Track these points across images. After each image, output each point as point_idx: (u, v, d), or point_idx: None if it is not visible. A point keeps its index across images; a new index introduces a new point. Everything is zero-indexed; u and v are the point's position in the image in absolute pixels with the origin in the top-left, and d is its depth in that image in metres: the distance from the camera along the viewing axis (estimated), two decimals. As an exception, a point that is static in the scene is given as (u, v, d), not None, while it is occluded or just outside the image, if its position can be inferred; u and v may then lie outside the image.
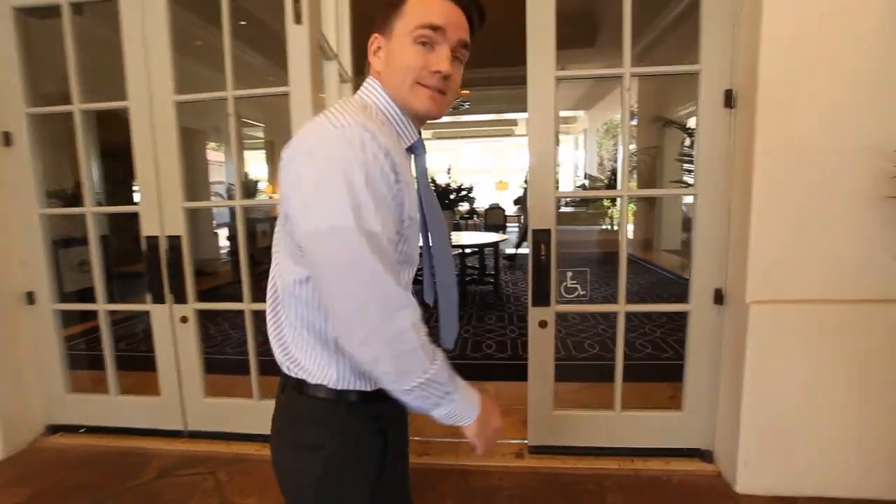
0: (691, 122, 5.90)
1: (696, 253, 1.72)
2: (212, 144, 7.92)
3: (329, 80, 1.98)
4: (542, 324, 1.79)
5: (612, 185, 9.55)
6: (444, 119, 10.73)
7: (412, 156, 0.80)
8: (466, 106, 5.90)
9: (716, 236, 1.69)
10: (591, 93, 9.38)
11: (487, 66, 7.64)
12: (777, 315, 1.55)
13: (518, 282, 5.79)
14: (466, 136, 13.83)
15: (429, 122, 0.82)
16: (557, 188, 1.74)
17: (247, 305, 2.00)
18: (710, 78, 1.63)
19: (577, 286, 1.80)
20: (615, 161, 12.33)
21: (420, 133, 0.80)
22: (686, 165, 5.68)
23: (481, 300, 4.90)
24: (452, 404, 0.69)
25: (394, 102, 0.75)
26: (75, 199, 3.92)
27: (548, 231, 1.73)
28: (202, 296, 2.11)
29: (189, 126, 6.33)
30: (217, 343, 3.73)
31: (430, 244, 0.82)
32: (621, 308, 1.77)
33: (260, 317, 1.15)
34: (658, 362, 2.96)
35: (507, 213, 11.51)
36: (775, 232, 1.52)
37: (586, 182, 10.66)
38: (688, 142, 5.64)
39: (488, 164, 15.75)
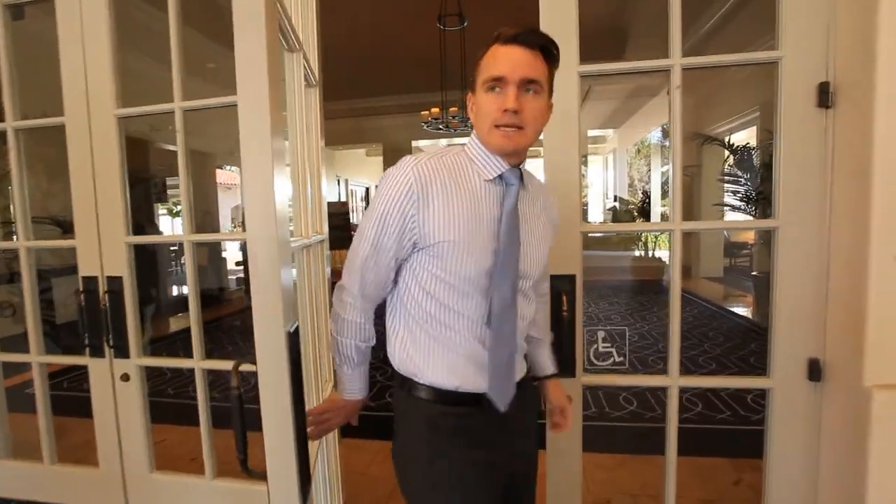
0: (735, 138, 5.36)
1: (778, 310, 1.24)
2: (234, 168, 7.80)
3: (292, 78, 1.57)
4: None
5: (645, 207, 8.96)
6: (462, 140, 10.48)
7: (503, 186, 0.93)
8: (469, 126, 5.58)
9: (808, 287, 1.21)
10: (622, 109, 8.91)
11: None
12: (915, 407, 1.05)
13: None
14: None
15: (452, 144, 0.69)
16: (585, 218, 1.30)
17: (197, 363, 1.61)
18: (796, 67, 1.18)
19: (612, 350, 1.34)
20: (647, 182, 11.71)
21: (518, 166, 0.94)
22: (729, 186, 5.13)
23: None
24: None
25: (482, 144, 0.92)
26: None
27: (571, 278, 1.29)
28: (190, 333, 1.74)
29: (197, 149, 6.19)
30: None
31: (496, 279, 0.89)
32: (674, 381, 1.30)
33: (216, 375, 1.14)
34: (714, 427, 2.42)
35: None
36: (909, 285, 1.04)
37: (617, 204, 10.09)
38: (731, 160, 5.10)
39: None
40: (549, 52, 0.88)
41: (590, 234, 9.55)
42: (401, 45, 5.63)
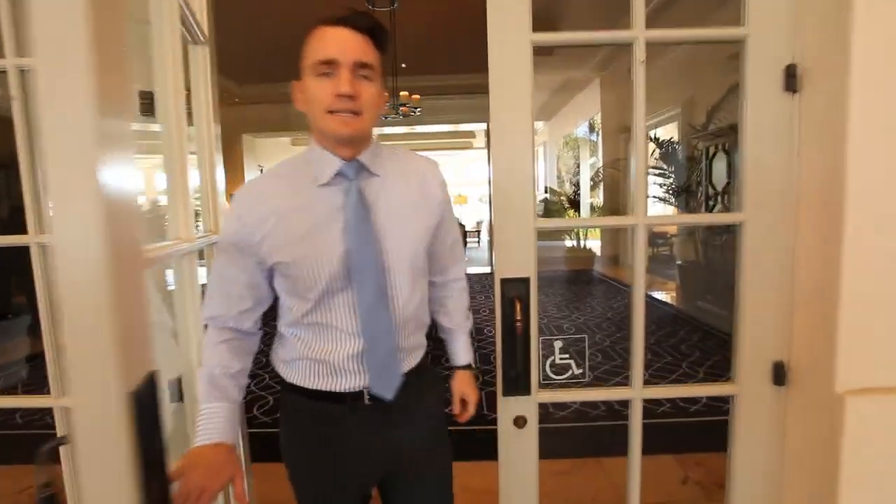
0: (658, 133, 5.55)
1: (742, 309, 1.15)
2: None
3: (197, 71, 1.24)
4: (519, 421, 1.16)
5: (576, 199, 9.18)
6: (398, 130, 10.14)
7: (345, 184, 0.89)
8: (417, 112, 5.30)
9: (774, 285, 1.12)
10: (551, 102, 9.04)
11: (440, 72, 7.13)
12: (890, 412, 0.99)
13: (480, 308, 5.19)
14: (422, 148, 13.26)
15: (384, 133, 0.50)
16: (538, 214, 1.13)
17: (55, 401, 1.26)
18: (763, 47, 1.08)
19: (571, 362, 1.19)
20: (574, 174, 12.10)
21: (356, 157, 0.89)
22: (656, 179, 5.30)
23: (436, 333, 4.24)
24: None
25: (316, 141, 0.90)
26: None
27: (525, 281, 1.12)
28: None
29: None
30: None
31: (355, 282, 0.88)
32: (637, 394, 1.17)
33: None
34: (655, 421, 2.40)
35: (466, 228, 10.98)
36: (886, 284, 0.96)
37: (548, 195, 10.28)
38: (657, 154, 5.26)
39: (446, 177, 15.23)
40: (377, 36, 0.85)
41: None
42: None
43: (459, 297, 1.16)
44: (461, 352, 1.16)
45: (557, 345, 1.19)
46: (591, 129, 10.74)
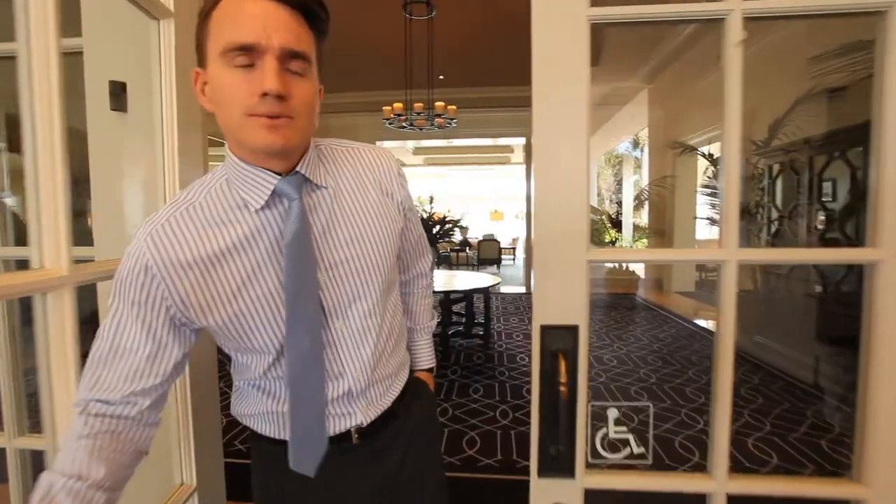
0: (713, 149, 5.14)
1: (876, 378, 0.83)
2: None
3: (161, 48, 1.02)
4: (560, 512, 0.88)
5: (617, 219, 8.77)
6: (434, 143, 10.01)
7: (284, 204, 0.68)
8: (454, 125, 5.08)
9: (922, 349, 0.81)
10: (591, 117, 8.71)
11: (478, 84, 6.95)
12: None
13: (514, 332, 4.88)
14: (458, 163, 13.12)
15: (422, 146, 0.17)
16: (593, 240, 0.86)
17: (9, 442, 1.08)
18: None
19: (629, 437, 0.90)
20: (614, 192, 11.63)
21: (295, 167, 0.69)
22: (707, 199, 4.89)
23: (466, 360, 3.97)
24: None
25: (234, 153, 0.67)
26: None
27: (572, 330, 0.85)
28: None
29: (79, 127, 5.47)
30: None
31: (287, 331, 0.69)
32: (720, 487, 0.87)
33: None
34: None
35: (501, 245, 10.70)
36: None
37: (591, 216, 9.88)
38: (709, 171, 4.86)
39: (482, 192, 15.00)
40: (314, 14, 0.63)
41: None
42: (363, 37, 5.14)
43: (423, 295, 1.02)
44: (424, 355, 0.99)
45: (612, 414, 0.91)
46: (636, 145, 10.30)
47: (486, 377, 3.50)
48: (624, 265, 7.74)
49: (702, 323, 5.45)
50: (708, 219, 4.97)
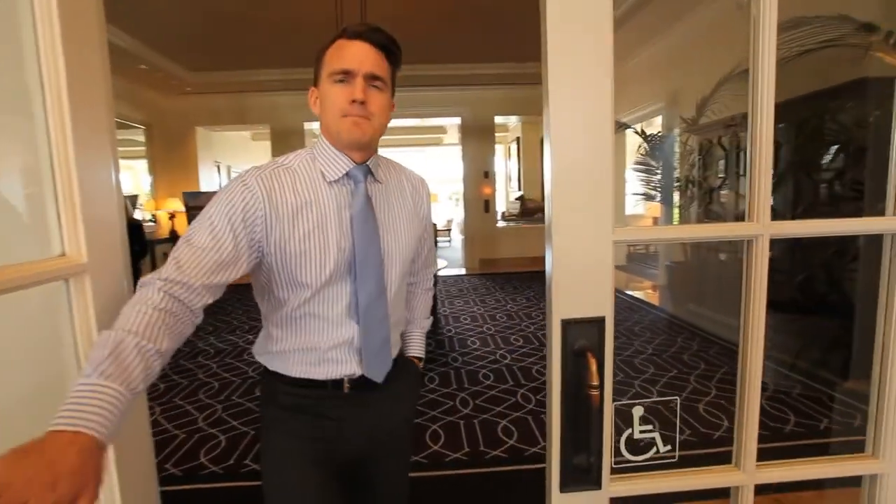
0: (648, 128, 5.31)
1: (890, 360, 0.80)
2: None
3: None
4: (585, 528, 0.78)
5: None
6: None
7: (351, 184, 0.94)
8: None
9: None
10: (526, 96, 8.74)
11: (410, 62, 6.70)
12: None
13: (460, 315, 4.81)
14: (390, 144, 12.77)
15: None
16: (618, 221, 0.75)
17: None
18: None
19: (654, 435, 0.81)
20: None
21: (366, 161, 0.95)
22: (643, 176, 5.08)
23: (418, 347, 3.82)
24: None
25: (327, 141, 0.94)
26: None
27: (598, 323, 0.74)
28: None
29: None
30: None
31: (356, 275, 0.93)
32: (748, 479, 0.81)
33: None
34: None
35: (438, 227, 10.61)
36: None
37: (524, 193, 10.02)
38: (643, 148, 5.03)
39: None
40: (391, 52, 0.93)
41: (500, 226, 9.31)
42: (289, 6, 4.70)
43: (424, 298, 1.24)
44: (416, 344, 1.18)
45: (638, 412, 0.82)
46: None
47: (439, 364, 3.39)
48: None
49: (637, 294, 5.71)
50: (643, 194, 5.15)
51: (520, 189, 10.62)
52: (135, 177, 8.19)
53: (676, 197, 4.68)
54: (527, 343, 3.84)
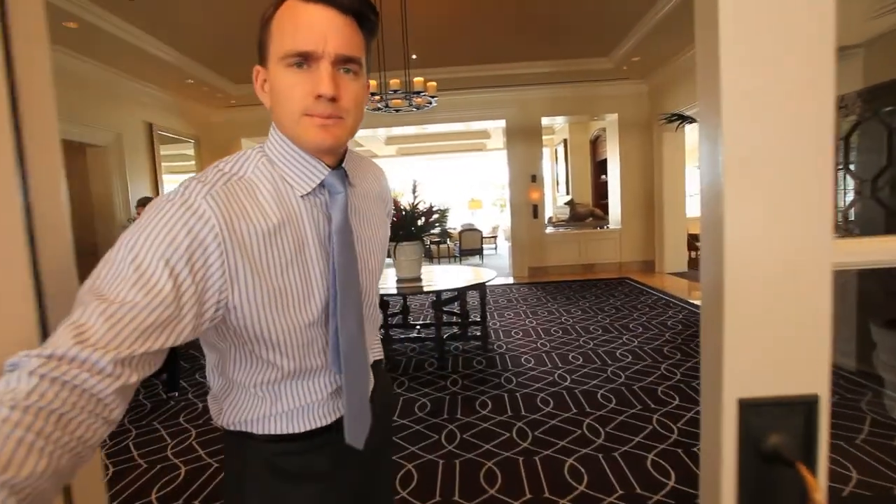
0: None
1: None
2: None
3: None
4: None
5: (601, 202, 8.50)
6: (407, 131, 9.49)
7: (326, 195, 0.71)
8: (434, 104, 4.50)
9: None
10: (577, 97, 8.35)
11: (454, 64, 6.48)
12: None
13: (511, 329, 4.49)
14: (433, 150, 12.62)
15: (393, 136, 0.20)
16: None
17: None
18: None
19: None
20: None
21: (341, 163, 0.73)
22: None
23: (465, 366, 3.55)
24: None
25: (286, 138, 0.68)
26: None
27: (807, 408, 0.45)
28: None
29: (71, 138, 4.82)
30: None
31: (337, 310, 0.70)
32: None
33: None
34: None
35: (483, 235, 10.32)
36: None
37: (573, 199, 9.59)
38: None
39: (458, 180, 14.53)
40: (366, 19, 0.66)
41: (548, 233, 8.93)
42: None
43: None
44: (377, 347, 1.07)
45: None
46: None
47: (491, 387, 3.10)
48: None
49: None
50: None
51: (568, 193, 10.18)
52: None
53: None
54: (587, 362, 3.48)
